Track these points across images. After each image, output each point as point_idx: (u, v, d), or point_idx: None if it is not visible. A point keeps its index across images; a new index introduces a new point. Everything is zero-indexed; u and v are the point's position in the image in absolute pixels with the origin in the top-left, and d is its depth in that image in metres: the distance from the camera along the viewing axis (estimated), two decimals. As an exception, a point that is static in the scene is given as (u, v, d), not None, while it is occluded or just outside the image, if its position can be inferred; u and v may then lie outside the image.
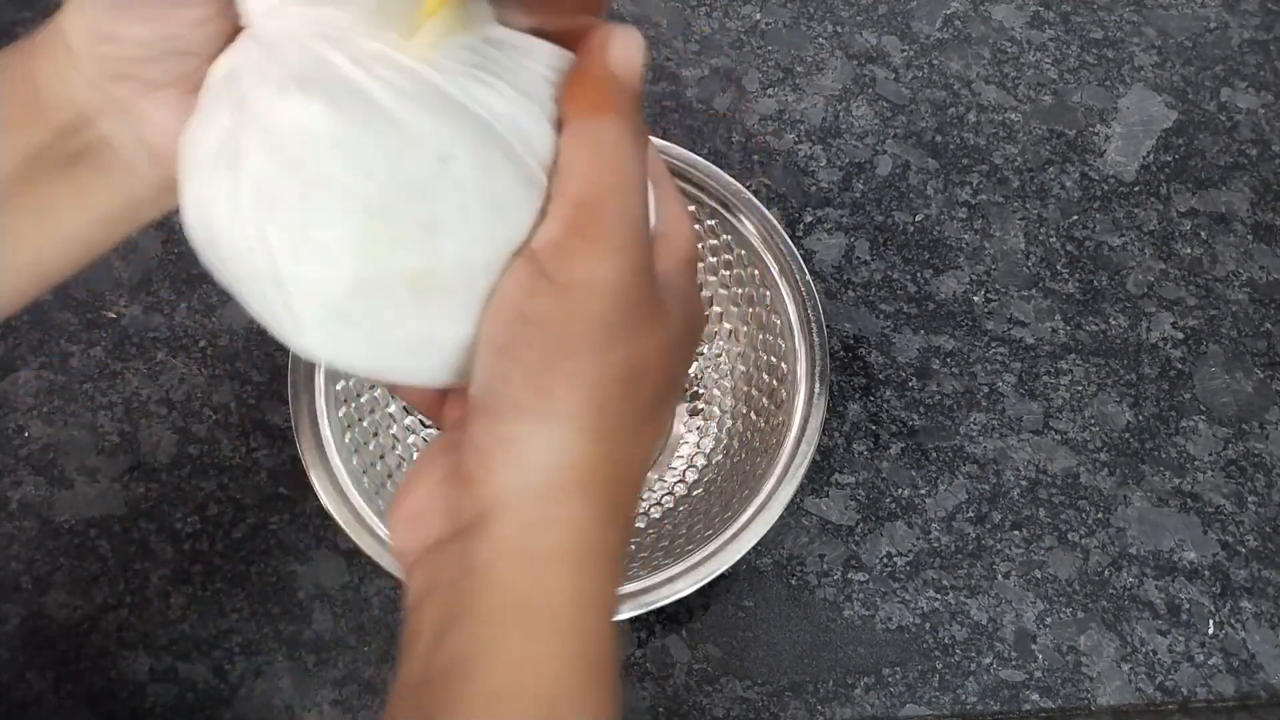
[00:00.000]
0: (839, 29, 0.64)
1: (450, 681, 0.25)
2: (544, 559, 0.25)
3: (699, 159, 0.52)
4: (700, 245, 0.54)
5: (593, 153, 0.26)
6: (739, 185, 0.52)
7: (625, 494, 0.27)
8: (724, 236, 0.52)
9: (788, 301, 0.50)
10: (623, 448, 0.27)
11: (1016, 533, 0.53)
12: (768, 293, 0.51)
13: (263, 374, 0.54)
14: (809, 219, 0.59)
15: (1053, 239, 0.60)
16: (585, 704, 0.25)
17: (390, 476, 0.49)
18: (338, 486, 0.46)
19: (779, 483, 0.47)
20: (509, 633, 0.25)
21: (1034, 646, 0.51)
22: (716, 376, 0.55)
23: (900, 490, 0.54)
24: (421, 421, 0.52)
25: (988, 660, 0.51)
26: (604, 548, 0.26)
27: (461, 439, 0.27)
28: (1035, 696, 0.50)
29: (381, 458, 0.49)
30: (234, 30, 0.27)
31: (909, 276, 0.58)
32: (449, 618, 0.25)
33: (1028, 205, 0.60)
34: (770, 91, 0.62)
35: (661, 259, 0.29)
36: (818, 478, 0.54)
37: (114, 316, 0.55)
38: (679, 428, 0.54)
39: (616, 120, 0.27)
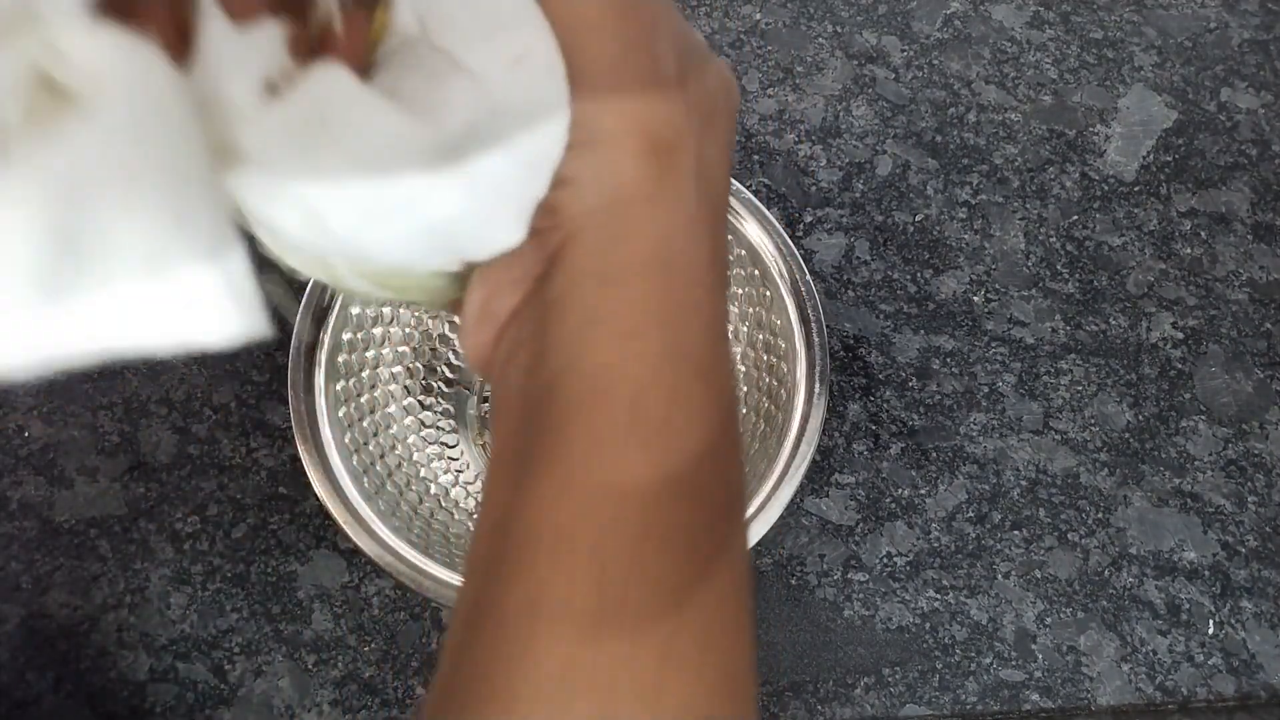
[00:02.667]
0: (839, 29, 0.64)
1: (537, 411, 0.23)
2: (618, 273, 0.23)
3: (699, 159, 0.52)
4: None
5: None
6: (739, 185, 0.52)
7: (706, 188, 0.25)
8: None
9: (788, 301, 0.50)
10: (683, 126, 0.24)
11: (1016, 533, 0.53)
12: (768, 293, 0.51)
13: (263, 374, 0.54)
14: (809, 219, 0.59)
15: (1053, 239, 0.60)
16: (679, 397, 0.23)
17: (390, 476, 0.49)
18: (337, 486, 0.46)
19: (779, 483, 0.47)
20: (586, 349, 0.23)
21: (1034, 646, 0.51)
22: (716, 376, 0.55)
23: (900, 490, 0.54)
24: (421, 421, 0.52)
25: (988, 660, 0.51)
26: (687, 253, 0.24)
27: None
28: (1035, 696, 0.50)
29: (381, 457, 0.49)
30: None
31: (909, 276, 0.58)
32: (534, 358, 0.24)
33: (1028, 205, 0.60)
34: (770, 91, 0.62)
35: None
36: (818, 478, 0.53)
37: (114, 316, 0.55)
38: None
39: None
